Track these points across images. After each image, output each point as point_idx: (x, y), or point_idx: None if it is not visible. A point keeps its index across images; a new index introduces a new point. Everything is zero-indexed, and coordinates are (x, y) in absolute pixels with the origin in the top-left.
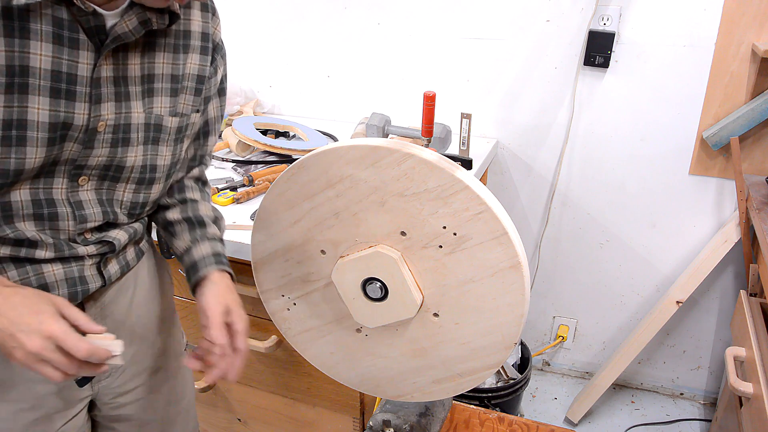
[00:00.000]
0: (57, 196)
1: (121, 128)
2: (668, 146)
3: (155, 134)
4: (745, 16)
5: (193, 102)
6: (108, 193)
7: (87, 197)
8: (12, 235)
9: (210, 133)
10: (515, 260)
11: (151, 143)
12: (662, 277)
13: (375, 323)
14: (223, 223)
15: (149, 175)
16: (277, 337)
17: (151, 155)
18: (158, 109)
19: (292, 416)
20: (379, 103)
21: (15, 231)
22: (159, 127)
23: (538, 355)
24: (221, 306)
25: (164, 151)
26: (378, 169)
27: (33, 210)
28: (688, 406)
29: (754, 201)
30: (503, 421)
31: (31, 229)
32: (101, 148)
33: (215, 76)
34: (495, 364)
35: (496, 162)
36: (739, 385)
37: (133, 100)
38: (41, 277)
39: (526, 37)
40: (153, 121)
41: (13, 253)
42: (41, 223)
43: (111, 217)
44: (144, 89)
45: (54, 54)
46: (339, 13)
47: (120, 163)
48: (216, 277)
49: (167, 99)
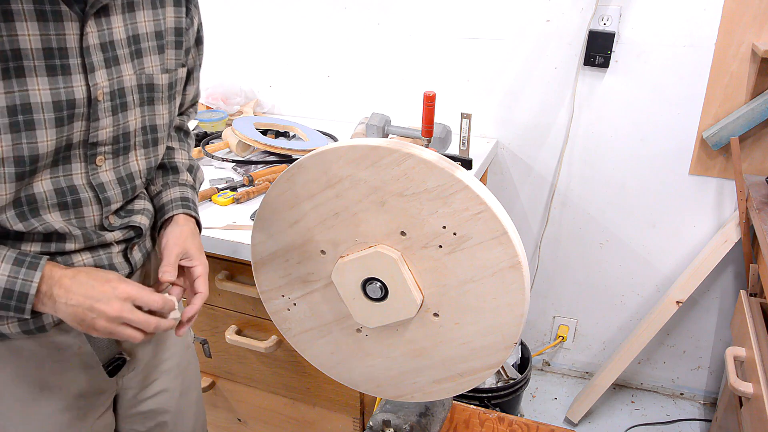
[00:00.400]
0: (78, 182)
1: (117, 94)
2: (668, 146)
3: (149, 94)
4: (745, 16)
5: (176, 56)
6: (125, 168)
7: (107, 177)
8: (41, 228)
9: (190, 82)
10: (515, 260)
11: (147, 104)
12: (662, 277)
13: (375, 323)
14: (200, 173)
15: (152, 136)
16: (277, 337)
17: (149, 116)
18: (149, 69)
19: (292, 416)
20: (379, 103)
21: (44, 224)
22: (152, 87)
23: (538, 355)
24: (179, 248)
25: (161, 110)
26: (378, 169)
27: (57, 199)
28: (688, 406)
29: (754, 201)
30: (503, 421)
31: (58, 219)
32: (105, 118)
33: (192, 27)
34: (495, 364)
35: (496, 162)
36: (739, 385)
37: (123, 63)
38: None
39: (526, 37)
40: (145, 81)
41: (44, 249)
42: (66, 212)
43: (130, 194)
44: (132, 51)
45: (41, 31)
46: (339, 13)
47: (125, 129)
48: (181, 220)
49: (156, 57)
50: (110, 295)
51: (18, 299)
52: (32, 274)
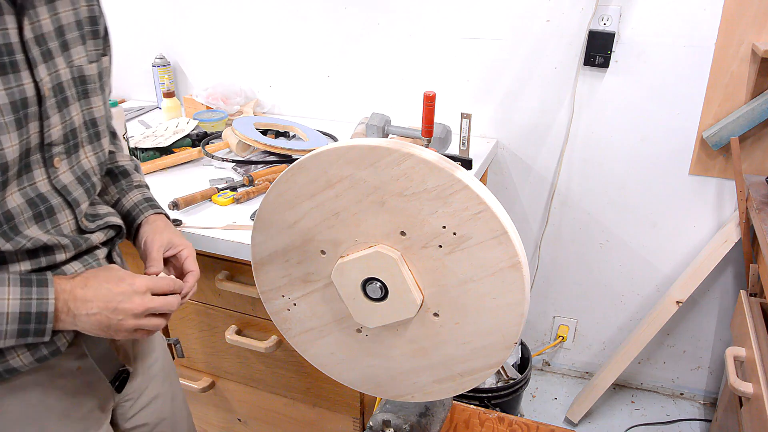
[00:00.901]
0: (44, 189)
1: (58, 89)
2: (668, 146)
3: (83, 87)
4: (745, 16)
5: (95, 46)
6: (79, 167)
7: (68, 179)
8: (30, 244)
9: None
10: (515, 260)
11: (83, 98)
12: (662, 277)
13: (375, 323)
14: (141, 169)
15: (94, 131)
16: (277, 337)
17: (87, 110)
18: (78, 60)
19: (292, 416)
20: (379, 103)
21: (31, 239)
22: (84, 79)
23: (538, 355)
24: (158, 241)
25: (97, 102)
26: (377, 169)
27: (32, 211)
28: (688, 406)
29: (754, 201)
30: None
31: (40, 232)
32: (54, 116)
33: (102, 15)
34: (495, 363)
35: (496, 162)
36: (739, 385)
37: (56, 56)
38: None
39: (526, 37)
40: (77, 74)
41: (34, 267)
42: (43, 223)
43: (92, 192)
44: (60, 43)
45: None
46: (339, 13)
47: (71, 126)
48: (152, 218)
49: (81, 48)
50: (129, 292)
51: (37, 321)
52: (45, 291)
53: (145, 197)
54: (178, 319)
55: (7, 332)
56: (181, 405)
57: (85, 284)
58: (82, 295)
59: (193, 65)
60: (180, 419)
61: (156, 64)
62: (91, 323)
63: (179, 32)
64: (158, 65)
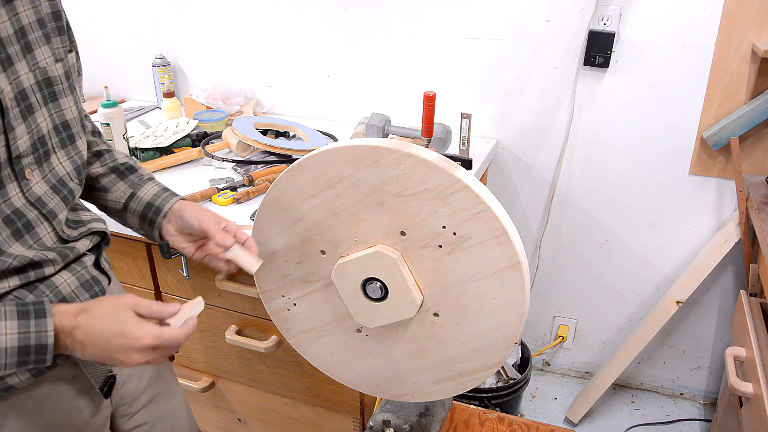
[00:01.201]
0: (18, 203)
1: (20, 97)
2: (668, 146)
3: (49, 89)
4: (745, 16)
5: (62, 42)
6: (53, 174)
7: (41, 189)
8: (16, 263)
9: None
10: (515, 259)
11: (51, 101)
12: (662, 277)
13: (375, 323)
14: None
15: (66, 134)
16: (277, 337)
17: (57, 113)
18: (42, 62)
19: (292, 416)
20: (379, 103)
21: (16, 257)
22: (49, 81)
23: (538, 355)
24: (211, 217)
25: (66, 103)
26: (377, 169)
27: (9, 229)
28: (688, 406)
29: (754, 201)
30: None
31: (22, 249)
32: (18, 126)
33: (63, 9)
34: (495, 363)
35: (496, 162)
36: (739, 385)
37: (17, 62)
38: (57, 292)
39: (526, 37)
40: (41, 77)
41: (23, 281)
42: (23, 239)
43: (70, 199)
44: (21, 46)
45: None
46: (339, 13)
47: (39, 134)
48: (182, 203)
49: (45, 48)
50: (128, 347)
51: (37, 352)
52: (43, 322)
53: (161, 187)
54: None
55: (6, 365)
56: (180, 402)
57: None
58: (81, 339)
59: (193, 65)
60: (180, 416)
61: (156, 64)
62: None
63: (179, 32)
64: (158, 65)
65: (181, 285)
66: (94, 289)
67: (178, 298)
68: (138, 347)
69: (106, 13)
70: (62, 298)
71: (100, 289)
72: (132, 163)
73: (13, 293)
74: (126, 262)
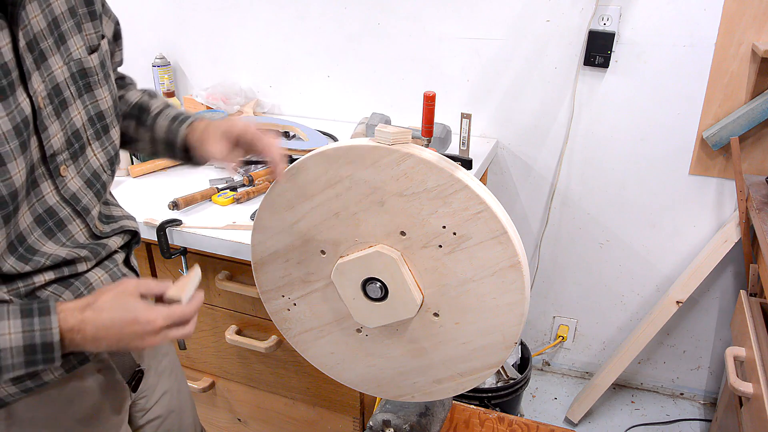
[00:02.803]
0: (52, 201)
1: (54, 93)
2: (668, 146)
3: (84, 81)
4: (745, 16)
5: (94, 28)
6: (87, 168)
7: (76, 185)
8: (50, 262)
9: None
10: (515, 259)
11: (86, 92)
12: (662, 277)
13: (375, 323)
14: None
15: (101, 125)
16: (277, 337)
17: (92, 104)
18: (76, 53)
19: (292, 416)
20: (379, 103)
21: (49, 256)
22: (84, 72)
23: (538, 355)
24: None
25: (101, 93)
26: (377, 169)
27: (40, 229)
28: (688, 406)
29: (754, 201)
30: (503, 421)
31: (56, 247)
32: (52, 125)
33: None
34: (495, 363)
35: (496, 162)
36: (739, 385)
37: (50, 56)
38: (92, 288)
39: (526, 37)
40: (76, 69)
41: (57, 275)
42: (56, 237)
43: (102, 193)
44: (55, 38)
45: None
46: (339, 13)
47: (73, 128)
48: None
49: (78, 37)
50: (141, 332)
51: (43, 351)
52: (48, 320)
53: (170, 118)
54: None
55: (14, 365)
56: (186, 397)
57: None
58: (92, 333)
59: (193, 65)
60: (186, 410)
61: (156, 64)
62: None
63: (179, 32)
64: (158, 65)
65: None
66: None
67: None
68: (152, 330)
69: None
70: None
71: None
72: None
73: (47, 288)
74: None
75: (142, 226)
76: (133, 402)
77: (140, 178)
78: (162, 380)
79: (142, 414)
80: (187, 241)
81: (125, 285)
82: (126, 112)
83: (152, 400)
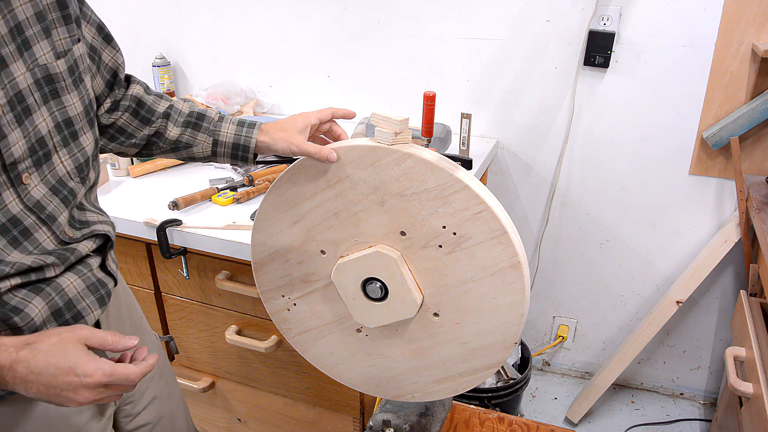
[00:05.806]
0: (15, 210)
1: (16, 100)
2: (668, 146)
3: (50, 87)
4: (745, 16)
5: (68, 32)
6: (52, 175)
7: (40, 193)
8: (14, 270)
9: (110, 38)
10: (515, 259)
11: (52, 98)
12: (662, 277)
13: (375, 323)
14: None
15: (69, 131)
16: (277, 337)
17: (59, 110)
18: (41, 58)
19: (292, 416)
20: (379, 103)
21: (13, 264)
22: (50, 78)
23: (538, 355)
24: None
25: (70, 100)
26: (377, 169)
27: (5, 239)
28: (688, 406)
29: (754, 201)
30: (503, 421)
31: (21, 256)
32: (12, 132)
33: None
34: (495, 363)
35: (496, 162)
36: (739, 385)
37: (11, 63)
38: (64, 294)
39: (526, 37)
40: (41, 75)
41: (24, 280)
42: (22, 246)
43: (71, 199)
44: (18, 44)
45: None
46: (339, 12)
47: (37, 135)
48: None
49: (45, 42)
50: (76, 385)
51: None
52: None
53: (237, 124)
54: (178, 318)
55: None
56: (179, 401)
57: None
58: (22, 375)
59: (193, 65)
60: (178, 415)
61: (156, 64)
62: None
63: (179, 32)
64: (158, 65)
65: (181, 285)
66: (100, 292)
67: (178, 298)
68: (88, 384)
69: (106, 13)
70: (68, 300)
71: (106, 292)
72: (197, 110)
73: (16, 294)
74: (126, 262)
75: (143, 227)
76: (118, 408)
77: (140, 178)
78: (151, 386)
79: (129, 420)
80: (187, 241)
81: (76, 332)
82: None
83: (140, 406)
